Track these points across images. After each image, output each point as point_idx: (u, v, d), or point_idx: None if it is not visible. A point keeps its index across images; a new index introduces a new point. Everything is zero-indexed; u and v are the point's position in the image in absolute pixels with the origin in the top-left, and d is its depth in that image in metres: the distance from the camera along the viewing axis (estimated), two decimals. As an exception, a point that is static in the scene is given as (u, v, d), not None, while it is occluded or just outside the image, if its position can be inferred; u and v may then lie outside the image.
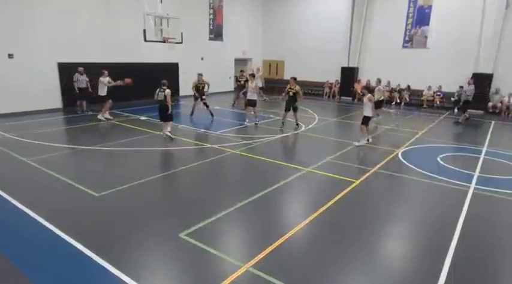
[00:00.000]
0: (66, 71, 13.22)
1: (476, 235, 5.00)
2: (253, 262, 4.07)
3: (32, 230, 4.78)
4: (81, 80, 12.89)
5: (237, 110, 14.41)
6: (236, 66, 22.48)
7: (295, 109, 11.41)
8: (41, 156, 7.92)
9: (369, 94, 9.63)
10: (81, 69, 12.89)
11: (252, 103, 12.20)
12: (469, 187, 6.77)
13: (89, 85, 13.06)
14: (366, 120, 9.71)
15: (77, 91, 12.98)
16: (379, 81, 14.23)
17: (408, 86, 18.48)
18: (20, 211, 5.25)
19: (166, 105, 9.21)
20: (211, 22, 20.02)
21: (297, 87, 11.22)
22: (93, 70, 14.36)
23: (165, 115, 9.34)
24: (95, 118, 12.19)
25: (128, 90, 15.90)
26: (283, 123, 11.60)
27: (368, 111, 9.61)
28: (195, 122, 12.60)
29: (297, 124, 11.60)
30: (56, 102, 13.74)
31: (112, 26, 15.01)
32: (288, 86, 11.34)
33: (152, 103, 15.73)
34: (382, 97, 13.36)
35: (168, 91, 9.25)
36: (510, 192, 6.58)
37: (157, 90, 9.36)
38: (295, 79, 11.39)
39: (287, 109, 11.42)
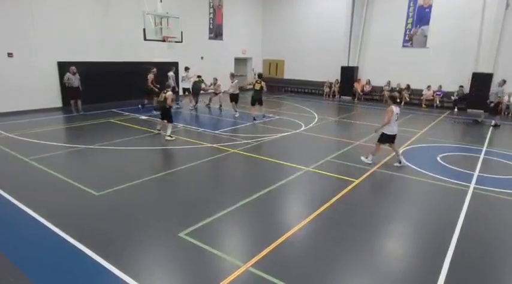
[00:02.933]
0: (65, 70, 13.21)
1: (476, 235, 5.00)
2: (253, 261, 4.07)
3: (31, 229, 4.77)
4: (73, 80, 12.47)
5: (238, 109, 14.39)
6: (236, 66, 22.49)
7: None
8: (41, 155, 7.91)
9: (390, 106, 7.57)
10: (73, 68, 12.48)
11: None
12: (468, 186, 6.77)
13: (79, 84, 12.68)
14: (383, 138, 7.80)
15: (69, 91, 12.62)
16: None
17: (408, 86, 18.49)
18: (19, 210, 5.25)
19: (165, 106, 9.73)
20: (211, 21, 20.02)
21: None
22: (93, 69, 14.43)
23: (164, 114, 9.82)
24: (93, 117, 12.19)
25: (127, 89, 15.98)
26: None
27: (388, 127, 7.63)
28: (195, 121, 12.60)
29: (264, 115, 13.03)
30: (56, 101, 13.74)
31: (112, 25, 15.01)
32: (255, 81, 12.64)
33: (152, 102, 15.85)
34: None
35: (169, 93, 9.76)
36: (510, 191, 6.59)
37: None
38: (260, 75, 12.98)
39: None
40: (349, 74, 20.15)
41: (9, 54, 12.31)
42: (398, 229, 5.26)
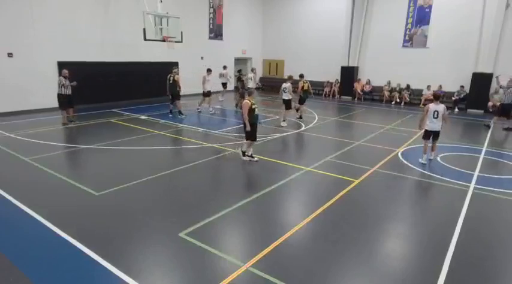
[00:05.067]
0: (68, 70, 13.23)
1: (476, 235, 5.00)
2: (253, 261, 4.07)
3: (31, 229, 4.77)
4: (68, 85, 10.87)
5: (237, 109, 14.42)
6: (236, 66, 22.50)
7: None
8: (41, 155, 7.92)
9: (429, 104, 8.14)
10: (66, 72, 10.95)
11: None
12: (468, 186, 6.77)
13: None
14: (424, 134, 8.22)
15: (63, 99, 10.95)
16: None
17: (408, 86, 18.50)
18: (19, 210, 5.25)
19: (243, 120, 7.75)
20: (211, 21, 20.02)
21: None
22: (93, 69, 14.44)
23: (244, 132, 7.88)
24: (93, 117, 12.17)
25: (127, 89, 15.99)
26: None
27: (426, 122, 8.11)
28: (195, 121, 12.60)
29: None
30: (56, 101, 13.69)
31: (112, 25, 15.01)
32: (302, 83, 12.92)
33: (151, 102, 15.91)
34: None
35: (245, 102, 7.59)
36: (510, 191, 6.59)
37: None
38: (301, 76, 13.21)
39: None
40: (349, 74, 20.16)
41: (9, 54, 12.31)
42: (398, 229, 5.26)
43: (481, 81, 16.18)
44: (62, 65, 13.43)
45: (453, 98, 17.01)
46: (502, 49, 15.94)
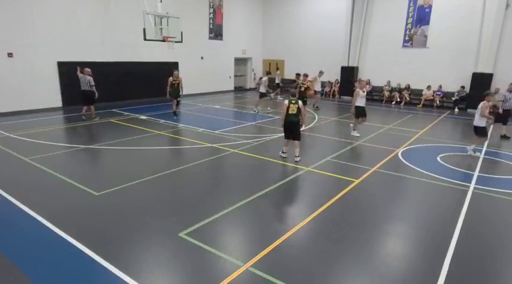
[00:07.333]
0: (65, 69, 13.20)
1: (476, 235, 5.00)
2: (253, 261, 4.07)
3: (31, 229, 4.77)
4: (93, 84, 11.54)
5: (237, 109, 14.42)
6: (236, 66, 22.51)
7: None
8: (41, 155, 7.92)
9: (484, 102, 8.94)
10: (89, 70, 11.61)
11: None
12: (468, 186, 6.77)
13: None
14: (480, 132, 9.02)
15: (92, 95, 11.60)
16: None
17: (408, 85, 18.50)
18: (19, 210, 5.25)
19: (299, 121, 7.68)
20: (211, 21, 20.03)
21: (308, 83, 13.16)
22: (93, 69, 14.44)
23: (298, 133, 7.88)
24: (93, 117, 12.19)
25: (127, 89, 16.00)
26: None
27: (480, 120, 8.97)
28: (195, 121, 12.59)
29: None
30: (56, 101, 13.74)
31: (112, 25, 15.02)
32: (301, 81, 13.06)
33: (151, 102, 15.89)
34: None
35: (301, 103, 7.72)
36: (510, 191, 6.59)
37: (287, 101, 7.71)
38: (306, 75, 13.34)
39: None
40: (349, 74, 20.16)
41: (9, 54, 12.31)
42: (398, 229, 5.26)
43: (481, 81, 16.17)
44: (61, 65, 13.48)
45: (453, 98, 17.03)
46: (502, 49, 15.94)
